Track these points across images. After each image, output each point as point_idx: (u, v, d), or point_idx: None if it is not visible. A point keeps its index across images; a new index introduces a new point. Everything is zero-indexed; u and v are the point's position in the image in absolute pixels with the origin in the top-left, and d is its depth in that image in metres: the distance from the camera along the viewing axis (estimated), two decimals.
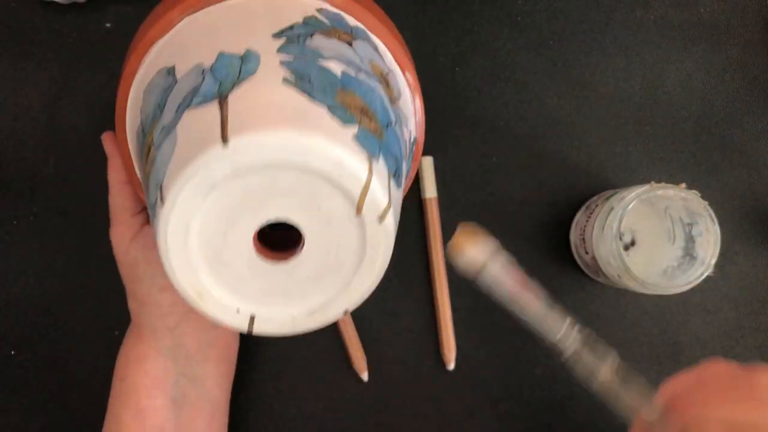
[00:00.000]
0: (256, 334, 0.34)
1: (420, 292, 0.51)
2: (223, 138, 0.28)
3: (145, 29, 0.36)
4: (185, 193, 0.29)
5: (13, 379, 0.50)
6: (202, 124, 0.29)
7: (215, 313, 0.34)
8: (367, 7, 0.37)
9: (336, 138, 0.29)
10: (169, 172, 0.29)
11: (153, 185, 0.31)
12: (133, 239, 0.42)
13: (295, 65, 0.31)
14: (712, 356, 0.52)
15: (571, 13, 0.52)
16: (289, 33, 0.33)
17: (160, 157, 0.30)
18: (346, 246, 0.33)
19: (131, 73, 0.36)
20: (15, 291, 0.50)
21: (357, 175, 0.30)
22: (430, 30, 0.51)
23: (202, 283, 0.32)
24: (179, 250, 0.31)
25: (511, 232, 0.51)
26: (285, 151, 0.29)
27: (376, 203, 0.31)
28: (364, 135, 0.31)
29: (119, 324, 0.50)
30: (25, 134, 0.50)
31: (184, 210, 0.30)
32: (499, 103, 0.51)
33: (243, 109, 0.29)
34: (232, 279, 0.33)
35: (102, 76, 0.50)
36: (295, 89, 0.30)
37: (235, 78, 0.30)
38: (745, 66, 0.52)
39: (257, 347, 0.51)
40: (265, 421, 0.51)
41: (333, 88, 0.31)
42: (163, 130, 0.31)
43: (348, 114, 0.31)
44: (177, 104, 0.31)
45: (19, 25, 0.50)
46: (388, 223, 0.32)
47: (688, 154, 0.52)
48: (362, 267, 0.33)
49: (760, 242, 0.52)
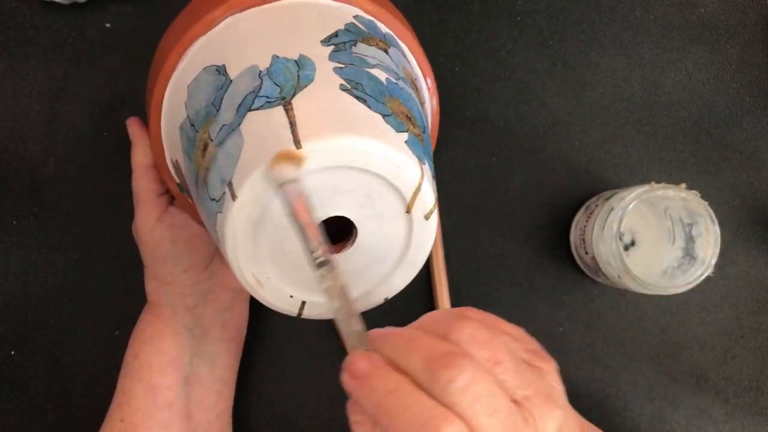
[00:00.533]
0: (304, 317, 0.37)
1: (420, 292, 0.51)
2: (296, 142, 0.30)
3: (183, 26, 0.37)
4: (257, 191, 0.31)
5: (13, 379, 0.50)
6: (271, 127, 0.31)
7: (271, 299, 0.36)
8: (393, 13, 0.39)
9: (393, 143, 0.32)
10: (240, 170, 0.31)
11: (216, 180, 0.33)
12: (160, 219, 0.43)
13: (347, 72, 0.33)
14: (712, 356, 0.52)
15: (571, 13, 0.52)
16: (336, 40, 0.35)
17: (224, 155, 0.32)
18: (393, 241, 0.35)
19: (171, 68, 0.37)
20: (15, 291, 0.50)
21: (411, 177, 0.33)
22: (430, 30, 0.51)
23: (263, 272, 0.34)
24: (246, 243, 0.33)
25: (511, 232, 0.51)
26: (351, 155, 0.31)
27: (425, 203, 0.34)
28: (413, 140, 0.33)
29: (119, 324, 0.50)
30: (25, 134, 0.50)
31: (254, 207, 0.31)
32: (499, 103, 0.51)
33: (309, 114, 0.31)
34: (290, 268, 0.35)
35: (102, 76, 0.50)
36: (352, 96, 0.32)
37: (294, 83, 0.32)
38: (745, 66, 0.52)
39: (258, 348, 0.51)
40: (266, 421, 0.51)
41: (382, 96, 0.33)
42: (224, 128, 0.33)
43: (398, 121, 0.33)
44: (236, 104, 0.33)
45: (19, 25, 0.50)
46: (432, 221, 0.35)
47: (688, 154, 0.52)
48: (405, 260, 0.36)
49: (760, 242, 0.52)
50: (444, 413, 0.24)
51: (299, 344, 0.51)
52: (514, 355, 0.27)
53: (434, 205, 0.34)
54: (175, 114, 0.37)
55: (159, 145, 0.40)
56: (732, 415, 0.52)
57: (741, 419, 0.52)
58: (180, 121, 0.37)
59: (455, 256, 0.51)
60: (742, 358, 0.52)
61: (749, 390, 0.52)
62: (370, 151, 0.31)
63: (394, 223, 0.34)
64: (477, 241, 0.51)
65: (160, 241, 0.43)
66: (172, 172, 0.41)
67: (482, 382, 0.25)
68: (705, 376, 0.52)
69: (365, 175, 0.32)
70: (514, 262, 0.51)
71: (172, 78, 0.38)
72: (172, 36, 0.38)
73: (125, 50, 0.50)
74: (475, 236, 0.51)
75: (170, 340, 0.43)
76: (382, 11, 0.38)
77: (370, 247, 0.35)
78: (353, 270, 0.36)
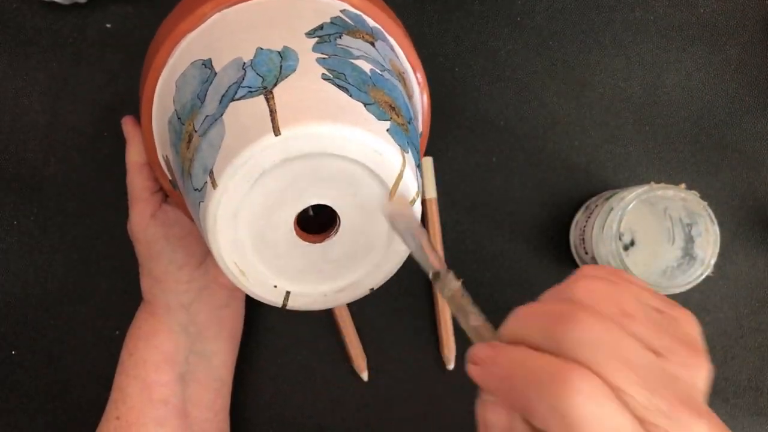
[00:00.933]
0: (290, 308, 0.37)
1: (420, 292, 0.51)
2: (275, 129, 0.30)
3: (174, 22, 0.38)
4: (237, 178, 0.31)
5: (13, 379, 0.50)
6: (251, 115, 0.32)
7: (254, 289, 0.36)
8: (381, 9, 0.40)
9: (374, 131, 0.32)
10: (220, 159, 0.32)
11: (199, 170, 0.33)
12: (153, 216, 0.43)
13: (330, 63, 0.34)
14: (712, 356, 0.52)
15: (571, 13, 0.52)
16: (320, 32, 0.35)
17: (207, 144, 0.32)
18: (376, 229, 0.35)
19: (161, 64, 0.37)
20: (15, 291, 0.50)
21: (393, 165, 0.33)
22: (430, 30, 0.51)
23: (246, 261, 0.35)
24: (227, 231, 0.33)
25: (511, 232, 0.51)
26: (331, 142, 0.31)
27: (407, 190, 0.34)
28: (395, 129, 0.34)
29: (119, 324, 0.50)
30: (26, 134, 0.50)
31: (234, 194, 0.32)
32: (499, 103, 0.51)
33: (289, 102, 0.32)
34: (273, 257, 0.35)
35: (102, 76, 0.50)
36: (334, 85, 0.33)
37: (277, 73, 0.33)
38: (745, 66, 0.52)
39: (256, 347, 0.51)
40: (265, 421, 0.51)
41: (365, 85, 0.34)
42: (207, 119, 0.33)
43: (380, 110, 0.33)
44: (220, 95, 0.33)
45: (19, 25, 0.50)
46: (416, 209, 0.35)
47: (687, 154, 0.52)
48: (390, 249, 0.36)
49: (760, 242, 0.52)
50: (570, 365, 0.22)
51: (298, 344, 0.51)
52: (644, 305, 0.25)
53: (417, 193, 0.34)
54: (164, 109, 0.38)
55: (151, 141, 0.40)
56: (732, 415, 0.52)
57: (741, 419, 0.52)
58: (168, 116, 0.37)
59: (455, 256, 0.51)
60: (742, 358, 0.52)
61: (749, 390, 0.52)
62: (350, 137, 0.31)
63: (377, 212, 0.35)
64: (477, 241, 0.51)
65: (154, 239, 0.43)
66: (164, 168, 0.41)
67: (608, 333, 0.23)
68: None
69: (346, 162, 0.32)
70: (514, 262, 0.51)
71: (162, 74, 0.38)
72: (162, 33, 0.39)
73: (125, 50, 0.50)
74: (475, 236, 0.51)
75: (165, 338, 0.43)
76: (370, 6, 0.39)
77: (354, 236, 0.36)
78: (337, 260, 0.36)
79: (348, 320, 0.50)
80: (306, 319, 0.51)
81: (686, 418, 0.22)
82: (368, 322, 0.51)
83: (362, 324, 0.51)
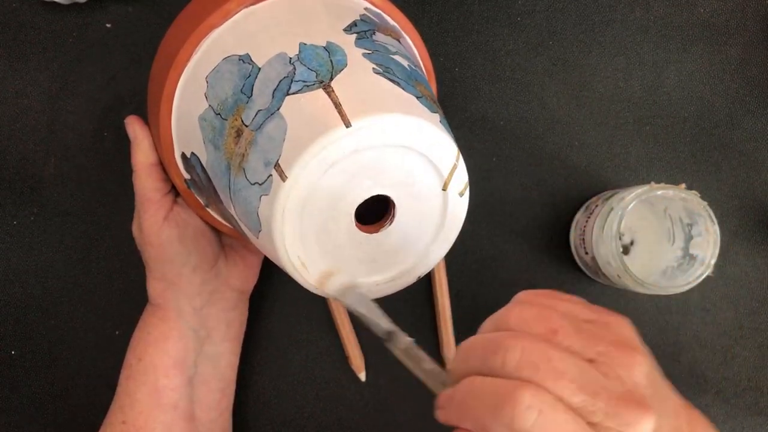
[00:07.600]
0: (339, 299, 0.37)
1: (420, 292, 0.51)
2: (344, 121, 0.31)
3: (197, 18, 0.37)
4: (309, 169, 0.31)
5: (13, 379, 0.50)
6: (314, 109, 0.32)
7: (312, 281, 0.36)
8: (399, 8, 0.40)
9: (432, 122, 0.33)
10: (287, 151, 0.32)
11: (259, 163, 0.33)
12: (166, 218, 0.42)
13: (375, 58, 0.34)
14: (712, 356, 0.52)
15: (571, 13, 0.52)
16: (356, 29, 0.36)
17: (265, 138, 0.33)
18: (429, 218, 0.36)
19: (185, 59, 0.37)
20: (15, 291, 0.50)
21: (450, 155, 0.34)
22: (430, 30, 0.51)
23: (308, 254, 0.35)
24: (294, 224, 0.33)
25: (511, 232, 0.51)
26: (399, 133, 0.32)
27: (460, 180, 0.35)
28: (443, 121, 0.34)
29: (119, 324, 0.50)
30: (26, 134, 0.50)
31: (305, 185, 0.32)
32: (499, 103, 0.51)
33: (351, 95, 0.32)
34: (333, 249, 0.36)
35: (102, 76, 0.50)
36: (386, 79, 0.33)
37: (329, 68, 0.33)
38: (745, 66, 0.52)
39: (257, 347, 0.51)
40: (265, 421, 0.51)
41: (410, 79, 0.34)
42: (261, 113, 0.33)
43: (429, 102, 0.34)
44: (272, 90, 0.33)
45: (19, 25, 0.50)
46: (465, 198, 0.36)
47: (688, 154, 0.52)
48: (439, 237, 0.37)
49: (759, 242, 0.52)
50: (515, 383, 0.24)
51: (297, 344, 0.51)
52: (573, 319, 0.27)
53: (467, 183, 0.35)
54: (189, 105, 0.37)
55: (167, 140, 0.40)
56: (732, 415, 0.52)
57: (741, 419, 0.52)
58: (199, 112, 0.37)
59: (455, 256, 0.51)
60: (742, 358, 0.52)
61: (749, 390, 0.52)
62: (416, 129, 0.32)
63: (431, 201, 0.36)
64: (477, 241, 0.51)
65: (168, 241, 0.42)
66: (180, 166, 0.41)
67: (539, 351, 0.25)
68: (705, 376, 0.52)
69: (408, 153, 0.33)
70: (514, 262, 0.51)
71: (185, 70, 0.38)
72: (183, 28, 0.38)
73: (125, 50, 0.50)
74: (475, 236, 0.51)
75: (175, 343, 0.43)
76: (389, 5, 0.40)
77: (407, 226, 0.36)
78: (390, 250, 0.37)
79: (346, 321, 0.50)
80: (305, 319, 0.51)
81: (629, 412, 0.24)
82: None
83: (362, 324, 0.51)
